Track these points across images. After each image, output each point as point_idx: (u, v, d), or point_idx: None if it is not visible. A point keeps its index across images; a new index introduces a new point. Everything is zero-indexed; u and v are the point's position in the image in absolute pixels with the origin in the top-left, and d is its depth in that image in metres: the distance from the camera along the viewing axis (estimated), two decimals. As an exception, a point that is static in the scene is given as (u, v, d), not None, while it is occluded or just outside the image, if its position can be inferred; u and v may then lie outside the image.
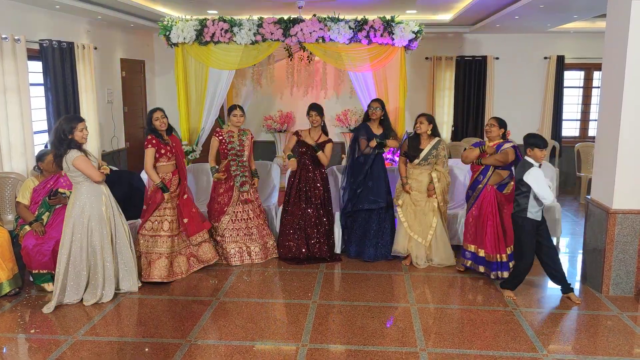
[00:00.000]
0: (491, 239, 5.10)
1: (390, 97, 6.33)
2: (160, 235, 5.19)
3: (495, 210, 5.09)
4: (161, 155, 5.17)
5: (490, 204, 5.10)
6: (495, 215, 5.09)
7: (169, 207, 5.21)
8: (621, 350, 3.91)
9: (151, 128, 5.17)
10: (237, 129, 5.70)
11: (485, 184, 5.14)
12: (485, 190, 5.14)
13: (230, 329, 4.22)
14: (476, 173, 5.23)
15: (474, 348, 3.92)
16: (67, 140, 4.46)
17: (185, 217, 5.31)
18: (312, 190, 5.78)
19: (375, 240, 5.75)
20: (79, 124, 4.52)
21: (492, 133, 5.17)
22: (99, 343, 3.99)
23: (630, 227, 4.79)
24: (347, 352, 3.86)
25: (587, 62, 9.70)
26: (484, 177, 5.15)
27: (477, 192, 5.20)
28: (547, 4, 6.57)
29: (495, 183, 5.11)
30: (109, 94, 8.24)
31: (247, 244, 5.71)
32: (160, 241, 5.19)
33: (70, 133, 4.47)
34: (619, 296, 4.88)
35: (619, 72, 4.68)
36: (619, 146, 4.71)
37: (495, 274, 5.13)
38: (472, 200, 5.26)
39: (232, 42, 6.25)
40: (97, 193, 4.65)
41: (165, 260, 5.14)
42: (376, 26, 6.06)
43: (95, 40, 7.70)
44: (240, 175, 5.66)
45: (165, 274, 5.12)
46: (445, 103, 9.84)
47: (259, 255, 5.74)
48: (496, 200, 5.10)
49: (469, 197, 5.33)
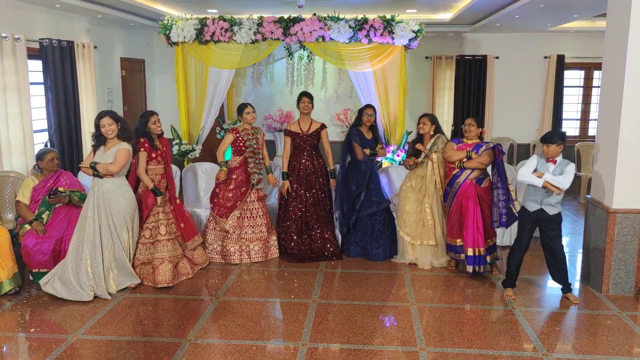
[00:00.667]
0: (469, 232, 5.13)
1: (390, 97, 6.33)
2: (159, 240, 5.12)
3: (476, 204, 5.14)
4: (151, 159, 5.13)
5: (470, 197, 5.15)
6: (476, 208, 5.14)
7: (162, 211, 5.17)
8: (621, 350, 3.91)
9: (145, 131, 5.09)
10: (251, 126, 5.72)
11: (464, 179, 5.17)
12: (465, 184, 5.17)
13: (231, 328, 4.23)
14: (454, 170, 5.25)
15: (473, 347, 3.93)
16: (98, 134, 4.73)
17: (181, 222, 5.29)
18: (314, 182, 5.78)
19: (382, 241, 5.74)
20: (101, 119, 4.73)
21: (471, 133, 5.24)
22: (99, 342, 3.99)
23: (630, 227, 4.79)
24: (347, 351, 3.86)
25: (587, 61, 9.70)
26: (461, 173, 5.19)
27: (456, 187, 5.22)
28: (547, 4, 6.57)
29: (475, 177, 5.17)
30: (109, 93, 8.24)
31: (247, 243, 5.71)
32: (159, 246, 5.11)
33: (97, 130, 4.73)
34: (618, 295, 4.88)
35: (619, 72, 4.68)
36: (619, 146, 4.71)
37: (472, 267, 5.15)
38: (452, 196, 5.26)
39: (232, 41, 6.25)
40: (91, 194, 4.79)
41: (168, 265, 5.06)
42: (376, 25, 6.06)
43: (95, 39, 7.70)
44: (258, 172, 5.67)
45: (171, 277, 5.04)
46: (445, 102, 9.84)
47: (258, 254, 5.73)
48: (476, 194, 5.15)
49: (447, 194, 5.32)
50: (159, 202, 5.10)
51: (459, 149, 5.23)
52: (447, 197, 5.35)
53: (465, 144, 5.26)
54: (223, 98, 6.68)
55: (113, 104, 8.31)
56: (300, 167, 5.80)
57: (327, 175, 5.92)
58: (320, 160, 5.87)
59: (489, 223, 5.16)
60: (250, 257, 5.70)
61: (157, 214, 5.14)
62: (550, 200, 4.63)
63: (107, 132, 4.72)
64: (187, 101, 6.50)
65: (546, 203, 4.64)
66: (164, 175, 5.24)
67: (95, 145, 4.79)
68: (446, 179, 5.35)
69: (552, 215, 4.65)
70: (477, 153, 5.13)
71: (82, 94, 7.11)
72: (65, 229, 4.99)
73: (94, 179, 4.79)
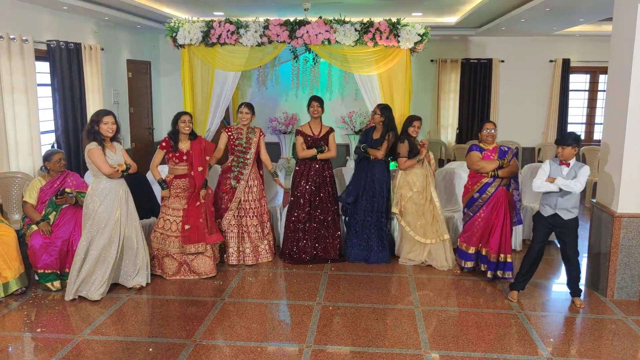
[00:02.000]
0: (497, 238, 5.13)
1: (395, 100, 6.33)
2: (168, 236, 5.30)
3: (507, 211, 5.15)
4: (169, 158, 5.30)
5: (502, 205, 5.14)
6: (506, 215, 5.14)
7: (170, 207, 5.28)
8: (625, 355, 3.91)
9: (174, 130, 5.28)
10: (246, 127, 5.75)
11: (497, 187, 5.14)
12: (498, 192, 5.14)
13: (235, 329, 4.24)
14: (483, 177, 5.17)
15: (477, 350, 3.93)
16: (93, 131, 4.71)
17: (188, 223, 5.27)
18: (322, 186, 5.79)
19: (357, 241, 5.76)
20: (105, 117, 4.73)
21: (493, 138, 5.24)
22: (105, 342, 4.01)
23: (635, 231, 4.78)
24: (351, 354, 3.87)
25: (592, 65, 9.69)
26: (494, 181, 5.14)
27: (487, 195, 5.16)
28: (553, 7, 6.57)
29: (505, 184, 5.18)
30: (115, 95, 8.28)
31: (241, 244, 5.75)
32: (168, 241, 5.31)
33: (96, 125, 4.72)
34: (623, 300, 4.87)
35: (625, 76, 4.68)
36: (624, 150, 4.70)
37: (493, 273, 5.18)
38: (482, 202, 5.19)
39: (238, 44, 6.27)
40: (114, 193, 4.78)
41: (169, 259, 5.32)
42: (382, 28, 6.07)
43: (102, 41, 7.75)
44: (237, 170, 5.70)
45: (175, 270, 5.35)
46: (450, 105, 9.85)
47: (249, 257, 5.75)
48: (506, 200, 5.15)
49: (476, 200, 5.23)
50: (162, 194, 5.30)
51: (487, 155, 5.19)
52: (473, 204, 5.26)
53: (487, 150, 5.23)
54: (229, 100, 6.70)
55: (119, 105, 8.35)
56: (310, 170, 5.81)
57: (334, 179, 5.94)
58: (328, 164, 5.88)
59: (510, 231, 5.22)
60: (244, 259, 5.74)
61: (165, 208, 5.32)
62: (566, 204, 4.59)
63: (108, 131, 4.74)
64: (193, 103, 6.51)
65: (561, 207, 4.60)
66: (184, 176, 5.28)
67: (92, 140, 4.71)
68: (473, 187, 5.25)
69: (567, 220, 4.61)
70: (503, 158, 5.12)
71: (89, 95, 7.15)
72: (72, 230, 5.02)
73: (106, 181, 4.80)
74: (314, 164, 5.81)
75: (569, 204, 4.59)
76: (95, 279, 4.77)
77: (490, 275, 5.20)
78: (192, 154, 5.26)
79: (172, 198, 5.29)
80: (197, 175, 5.26)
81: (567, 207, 4.59)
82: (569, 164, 4.59)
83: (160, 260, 5.33)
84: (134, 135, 8.94)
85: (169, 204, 5.30)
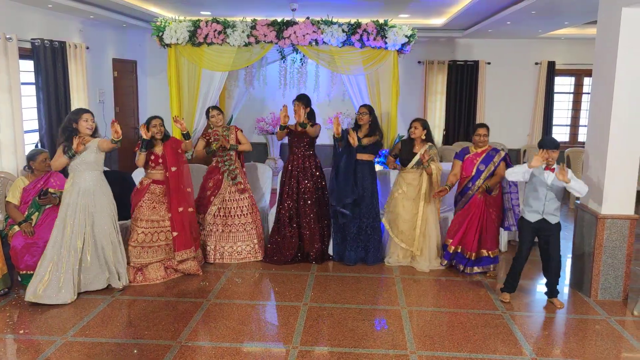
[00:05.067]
0: (471, 237, 5.29)
1: (382, 101, 6.34)
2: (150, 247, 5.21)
3: (484, 212, 5.27)
4: (146, 161, 5.24)
5: (478, 206, 5.27)
6: (482, 216, 5.28)
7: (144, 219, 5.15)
8: (609, 355, 3.95)
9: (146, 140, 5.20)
10: (221, 127, 5.80)
11: (475, 191, 5.29)
12: (476, 195, 5.30)
13: (221, 330, 4.22)
14: (466, 180, 5.36)
15: (463, 351, 3.94)
16: (70, 129, 4.67)
17: (175, 230, 5.21)
18: (305, 185, 5.78)
19: (355, 244, 5.75)
20: (84, 114, 4.74)
21: (485, 142, 5.36)
22: (89, 344, 3.96)
23: (619, 232, 4.83)
24: (337, 355, 3.86)
25: (577, 68, 9.80)
26: (473, 184, 5.31)
27: (467, 198, 5.36)
28: (538, 10, 6.63)
29: (493, 185, 5.28)
30: (101, 94, 8.21)
31: (223, 242, 5.75)
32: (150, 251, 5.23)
33: (75, 122, 4.70)
34: (607, 300, 4.92)
35: (609, 79, 4.73)
36: (608, 152, 4.75)
37: (463, 267, 5.39)
38: (462, 205, 5.42)
39: (225, 44, 6.24)
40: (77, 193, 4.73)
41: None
42: (369, 30, 6.08)
43: (87, 40, 7.67)
44: (229, 170, 5.73)
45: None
46: (437, 107, 9.89)
47: (233, 255, 5.76)
48: (485, 203, 5.25)
49: (458, 202, 5.49)
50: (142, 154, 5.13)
51: (470, 159, 5.33)
52: (457, 204, 5.51)
53: (475, 153, 5.34)
54: (216, 100, 6.66)
55: (105, 105, 8.28)
56: (294, 167, 5.81)
57: (322, 171, 5.92)
58: (313, 161, 5.87)
59: (492, 231, 5.30)
60: (223, 258, 5.74)
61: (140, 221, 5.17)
62: (551, 209, 4.66)
63: (87, 128, 4.72)
64: (179, 103, 6.47)
65: (547, 212, 4.67)
66: (161, 182, 5.23)
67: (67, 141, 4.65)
68: (459, 188, 5.45)
69: (554, 224, 4.69)
70: (490, 164, 5.24)
71: (74, 94, 7.08)
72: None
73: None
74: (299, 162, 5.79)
75: (554, 207, 4.66)
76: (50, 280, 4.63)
77: (461, 269, 5.44)
78: (166, 155, 5.23)
79: (147, 209, 5.18)
80: (171, 176, 5.22)
81: (552, 211, 4.66)
82: (553, 169, 4.61)
83: (144, 269, 5.17)
84: (119, 135, 8.85)
85: (143, 216, 5.16)
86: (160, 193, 5.24)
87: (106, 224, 4.82)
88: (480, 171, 5.27)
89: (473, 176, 5.30)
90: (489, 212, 5.29)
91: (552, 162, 4.60)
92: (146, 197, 5.20)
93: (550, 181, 4.61)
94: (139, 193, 5.24)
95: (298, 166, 5.81)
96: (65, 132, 4.69)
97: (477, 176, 5.28)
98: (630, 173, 4.79)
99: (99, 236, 4.80)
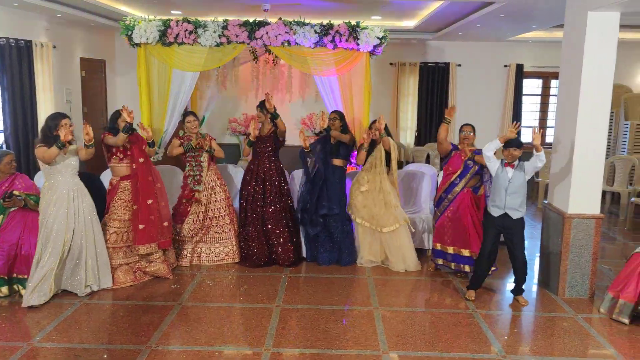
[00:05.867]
0: (475, 238, 5.27)
1: (355, 102, 6.36)
2: (120, 247, 5.16)
3: (474, 211, 5.30)
4: (113, 154, 5.17)
5: (467, 205, 5.29)
6: (473, 215, 5.30)
7: (117, 219, 5.12)
8: (576, 351, 4.03)
9: (113, 126, 5.18)
10: (195, 133, 5.77)
11: (462, 187, 5.31)
12: (463, 193, 5.31)
13: (193, 334, 4.17)
14: (452, 176, 5.36)
15: (435, 350, 3.98)
16: (52, 136, 4.61)
17: (142, 223, 5.14)
18: (270, 187, 5.78)
19: (329, 245, 5.77)
20: (63, 119, 4.66)
21: (470, 140, 5.44)
22: (56, 349, 3.87)
23: (585, 231, 4.94)
24: (310, 356, 3.86)
25: (545, 70, 10.00)
26: (460, 180, 5.31)
27: (453, 195, 5.36)
28: (507, 14, 6.74)
29: (472, 186, 5.33)
30: (68, 94, 8.04)
31: (201, 244, 5.73)
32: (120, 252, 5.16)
33: (54, 129, 4.62)
34: (574, 298, 5.03)
35: (575, 81, 4.83)
36: (574, 153, 4.86)
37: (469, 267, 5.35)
38: (447, 203, 5.40)
39: (196, 44, 6.18)
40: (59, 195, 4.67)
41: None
42: (341, 31, 6.10)
43: (54, 39, 7.51)
44: (193, 176, 5.69)
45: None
46: (409, 109, 9.97)
47: (210, 257, 5.73)
48: (472, 201, 5.29)
49: (443, 200, 5.46)
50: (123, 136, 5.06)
51: (458, 154, 5.39)
52: (441, 204, 5.48)
53: (464, 150, 5.41)
54: (187, 101, 6.59)
55: (72, 105, 8.11)
56: (259, 171, 5.80)
57: (284, 175, 5.95)
58: (278, 164, 5.89)
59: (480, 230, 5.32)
60: (200, 260, 5.72)
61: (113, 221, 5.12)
62: (514, 204, 4.72)
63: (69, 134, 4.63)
64: (149, 103, 6.38)
65: (509, 207, 4.74)
66: (128, 177, 5.16)
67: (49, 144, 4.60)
68: (442, 186, 5.49)
69: (516, 219, 4.75)
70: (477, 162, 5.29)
71: (40, 94, 6.92)
72: (21, 234, 4.83)
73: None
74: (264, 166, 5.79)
75: (516, 202, 4.73)
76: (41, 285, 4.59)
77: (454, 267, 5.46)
78: (132, 147, 5.19)
79: (119, 209, 5.13)
80: (139, 167, 5.17)
81: (515, 206, 4.73)
82: (513, 165, 4.76)
83: (114, 272, 5.08)
84: (88, 136, 8.68)
85: (115, 216, 5.12)
86: (129, 189, 5.18)
87: (89, 227, 4.81)
88: (468, 167, 5.31)
89: (462, 171, 5.33)
90: (476, 210, 5.31)
91: (511, 160, 4.75)
92: (117, 196, 5.14)
93: (510, 175, 4.72)
94: (112, 193, 5.19)
95: (264, 170, 5.80)
96: (46, 140, 4.65)
97: (465, 171, 5.32)
98: (595, 173, 4.91)
99: (82, 240, 4.76)
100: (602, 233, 7.09)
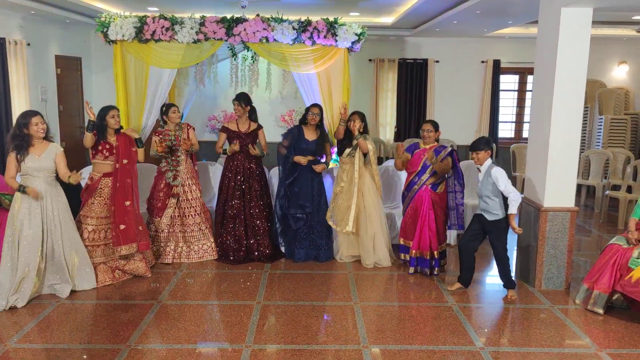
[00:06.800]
0: (426, 237, 5.30)
1: (334, 98, 6.37)
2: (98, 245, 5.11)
3: (430, 208, 5.31)
4: (98, 152, 5.09)
5: (424, 203, 5.31)
6: (429, 213, 5.31)
7: (95, 216, 5.06)
8: (553, 342, 4.11)
9: (101, 124, 5.08)
10: (174, 125, 5.75)
11: (421, 185, 5.34)
12: (421, 190, 5.34)
13: (173, 332, 4.15)
14: (412, 175, 5.42)
15: (414, 344, 4.02)
16: (22, 135, 4.51)
17: (123, 223, 5.07)
18: (250, 184, 5.78)
19: (307, 242, 5.78)
20: (33, 117, 4.56)
21: (430, 138, 5.39)
22: (34, 350, 3.83)
23: (560, 224, 5.03)
24: (291, 352, 3.87)
25: (521, 66, 10.13)
26: (419, 179, 5.36)
27: (412, 193, 5.41)
28: (483, 10, 6.81)
29: (431, 183, 5.32)
30: (43, 92, 7.92)
31: (181, 243, 5.70)
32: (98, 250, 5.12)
33: (25, 127, 4.53)
34: (550, 290, 5.11)
35: (550, 77, 4.91)
36: (549, 147, 4.93)
37: (429, 270, 5.36)
38: (408, 201, 5.46)
39: (173, 41, 6.12)
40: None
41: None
42: (320, 27, 6.10)
43: (28, 36, 7.39)
44: (170, 170, 5.66)
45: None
46: (388, 105, 10.03)
47: (189, 255, 5.71)
48: (431, 199, 5.30)
49: (405, 197, 5.54)
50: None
51: (418, 154, 5.39)
52: (405, 201, 5.55)
53: (423, 149, 5.41)
54: (164, 98, 6.53)
55: (47, 103, 7.99)
56: (237, 168, 5.79)
57: (263, 173, 5.95)
58: (256, 161, 5.88)
59: (442, 228, 5.38)
60: (181, 258, 5.69)
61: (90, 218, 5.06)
62: (486, 207, 4.80)
63: (39, 131, 4.56)
64: (126, 101, 6.31)
65: (482, 209, 4.84)
66: (111, 173, 5.09)
67: (18, 148, 4.52)
68: (405, 183, 5.54)
69: (491, 221, 4.80)
70: (436, 159, 5.25)
71: (14, 92, 6.82)
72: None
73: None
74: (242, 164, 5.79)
75: (488, 206, 4.79)
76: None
77: (411, 271, 5.41)
78: (119, 146, 5.12)
79: (98, 206, 5.06)
80: (122, 168, 5.11)
81: (487, 208, 4.80)
82: (480, 170, 4.85)
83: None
84: (64, 134, 8.57)
85: (93, 214, 5.05)
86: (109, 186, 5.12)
87: (67, 227, 4.74)
88: (426, 166, 5.35)
89: (419, 171, 5.37)
90: (435, 208, 5.33)
91: (477, 163, 4.83)
92: (97, 192, 5.08)
93: (480, 179, 4.82)
94: (91, 189, 5.09)
95: (244, 166, 5.79)
96: (15, 139, 4.54)
97: (422, 171, 5.35)
98: (570, 167, 4.99)
99: (59, 241, 4.70)
100: (578, 226, 7.24)
